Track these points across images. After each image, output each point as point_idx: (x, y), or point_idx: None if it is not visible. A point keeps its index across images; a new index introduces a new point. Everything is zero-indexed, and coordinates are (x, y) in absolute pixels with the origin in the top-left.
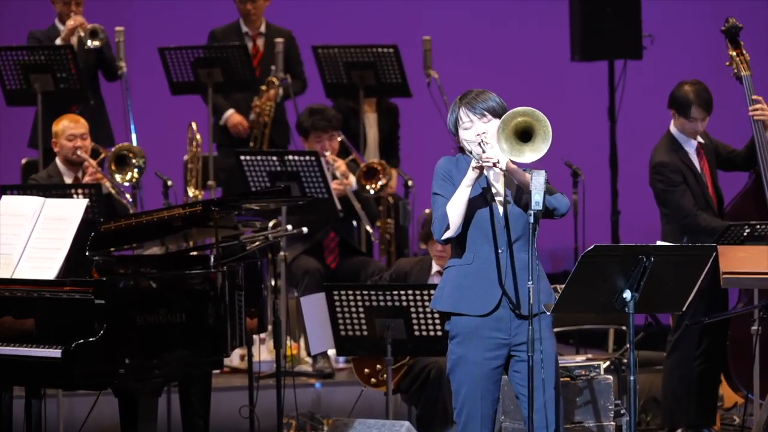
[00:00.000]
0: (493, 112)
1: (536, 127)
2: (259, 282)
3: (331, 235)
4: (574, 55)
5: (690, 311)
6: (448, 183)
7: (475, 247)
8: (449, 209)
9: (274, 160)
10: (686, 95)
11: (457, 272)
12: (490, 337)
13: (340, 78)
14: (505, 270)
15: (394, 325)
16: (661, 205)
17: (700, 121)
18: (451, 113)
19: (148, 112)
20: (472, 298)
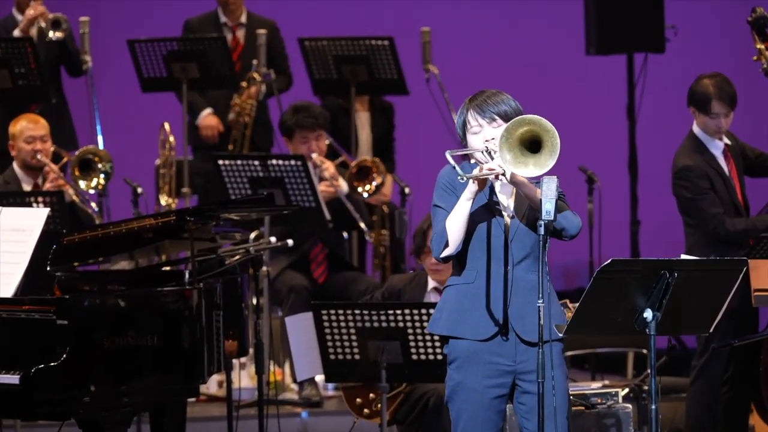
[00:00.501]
0: (505, 116)
1: (543, 138)
2: (239, 300)
3: (318, 246)
4: (589, 49)
5: (718, 333)
6: (451, 194)
7: (477, 265)
8: (448, 224)
9: (255, 164)
10: (705, 89)
11: (456, 292)
12: (491, 362)
13: (330, 73)
14: (510, 290)
15: (389, 348)
16: (685, 215)
17: (723, 116)
18: (460, 115)
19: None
20: (473, 320)
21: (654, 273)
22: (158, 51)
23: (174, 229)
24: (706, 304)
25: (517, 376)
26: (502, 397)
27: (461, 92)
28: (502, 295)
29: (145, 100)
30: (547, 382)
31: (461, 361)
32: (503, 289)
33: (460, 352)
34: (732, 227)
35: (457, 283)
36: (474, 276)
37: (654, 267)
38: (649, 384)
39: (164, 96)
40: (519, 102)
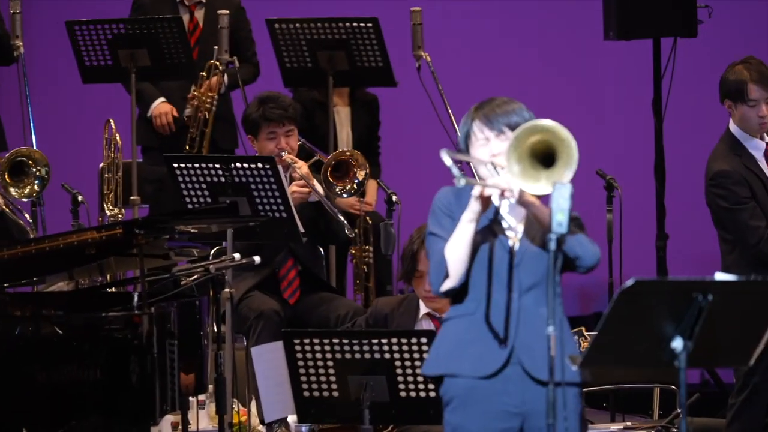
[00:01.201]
0: (514, 126)
1: (558, 149)
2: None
3: (289, 262)
4: (608, 32)
5: (761, 366)
6: (448, 220)
7: (478, 294)
8: (448, 252)
9: (216, 168)
10: (738, 75)
11: (455, 325)
12: (495, 402)
13: (303, 61)
14: (517, 322)
15: (373, 383)
16: (721, 228)
17: (764, 103)
18: (463, 125)
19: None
20: (473, 355)
21: (684, 295)
22: (102, 35)
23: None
24: (746, 333)
25: (525, 419)
26: None
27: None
28: (505, 326)
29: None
30: (558, 425)
31: (459, 402)
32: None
33: (458, 390)
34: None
35: (456, 315)
36: (475, 306)
37: (684, 288)
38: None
39: (109, 88)
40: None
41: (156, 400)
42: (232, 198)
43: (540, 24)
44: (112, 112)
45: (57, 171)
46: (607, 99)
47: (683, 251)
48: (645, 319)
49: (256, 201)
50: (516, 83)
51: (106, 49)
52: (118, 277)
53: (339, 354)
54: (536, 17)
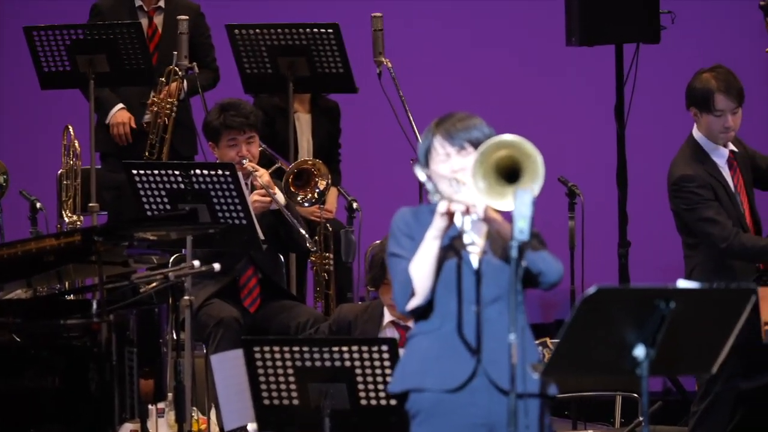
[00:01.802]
0: (477, 145)
1: (523, 164)
2: (157, 335)
3: (249, 270)
4: (570, 38)
5: (723, 374)
6: (408, 240)
7: (442, 309)
8: (414, 270)
9: (176, 174)
10: (706, 83)
11: (419, 342)
12: (461, 414)
13: (263, 67)
14: (482, 336)
15: (333, 391)
16: (685, 234)
17: (730, 113)
18: (424, 140)
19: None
20: (439, 369)
21: (647, 303)
22: (61, 40)
23: (79, 252)
24: (709, 340)
25: (492, 429)
26: None
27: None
28: (472, 339)
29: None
30: None
31: (426, 415)
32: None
33: (424, 404)
34: (750, 242)
35: (420, 331)
36: (440, 322)
37: (647, 296)
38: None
39: (68, 94)
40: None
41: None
42: (191, 205)
43: (502, 30)
44: (71, 118)
45: (15, 178)
46: (570, 105)
47: (645, 258)
48: (607, 327)
49: (216, 208)
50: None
51: (65, 55)
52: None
53: (299, 362)
54: (498, 23)
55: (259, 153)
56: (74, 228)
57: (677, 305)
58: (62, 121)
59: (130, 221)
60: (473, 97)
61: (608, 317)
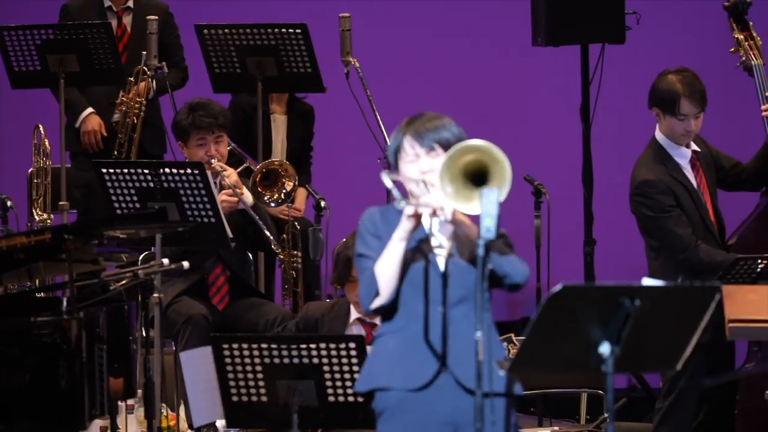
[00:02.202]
0: (446, 145)
1: (491, 169)
2: (126, 332)
3: (218, 268)
4: (537, 38)
5: (687, 371)
6: (375, 240)
7: (408, 309)
8: (379, 270)
9: (145, 173)
10: (671, 86)
11: (386, 342)
12: (427, 411)
13: (232, 67)
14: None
15: (301, 388)
16: (647, 236)
17: (693, 118)
18: (393, 139)
19: None
20: (405, 368)
21: (612, 300)
22: (31, 40)
23: (50, 249)
24: (673, 337)
25: (457, 428)
26: None
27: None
28: (438, 339)
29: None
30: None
31: (392, 412)
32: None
33: (390, 401)
34: (707, 257)
35: (387, 331)
36: (405, 322)
37: (612, 293)
38: (606, 430)
39: (38, 93)
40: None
41: (85, 405)
42: (160, 203)
43: (469, 30)
44: (41, 117)
45: None
46: (536, 104)
47: (610, 257)
48: (572, 324)
49: (184, 206)
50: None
51: (35, 55)
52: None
53: (267, 359)
54: (465, 23)
55: (228, 152)
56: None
57: (642, 303)
58: (32, 120)
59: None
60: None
61: (574, 315)
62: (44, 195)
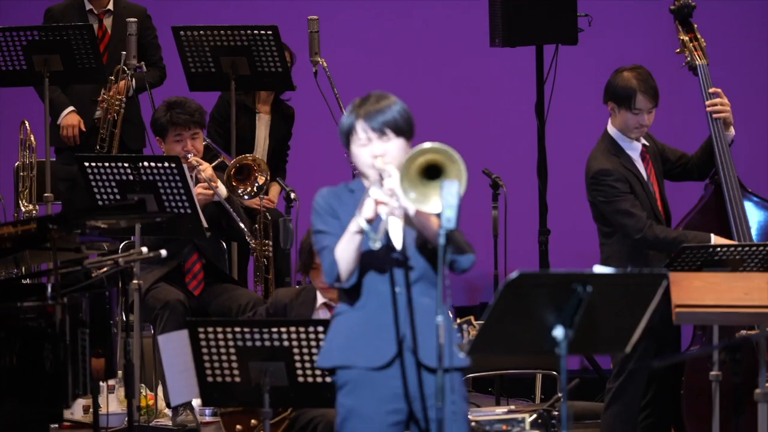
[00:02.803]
0: (396, 128)
1: (448, 169)
2: (107, 316)
3: (194, 256)
4: (494, 39)
5: (636, 353)
6: (333, 218)
7: (367, 289)
8: (339, 257)
9: (125, 167)
10: (627, 82)
11: (345, 320)
12: (387, 385)
13: (207, 66)
14: (404, 315)
15: (272, 369)
16: (601, 223)
17: (646, 113)
18: (346, 120)
19: None
20: (365, 347)
21: (565, 287)
22: (17, 41)
23: (35, 239)
24: (623, 322)
25: (414, 401)
26: (398, 424)
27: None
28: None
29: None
30: (447, 408)
31: (353, 386)
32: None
33: (351, 376)
34: (663, 234)
35: (346, 310)
36: (364, 302)
37: (565, 280)
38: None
39: (24, 91)
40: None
41: (68, 385)
42: (140, 195)
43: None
44: (27, 114)
45: None
46: (494, 102)
47: (564, 245)
48: (528, 309)
49: (162, 198)
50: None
51: (21, 55)
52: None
53: (240, 342)
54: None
55: (204, 147)
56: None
57: (594, 289)
58: (19, 117)
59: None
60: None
61: (529, 300)
62: (30, 187)
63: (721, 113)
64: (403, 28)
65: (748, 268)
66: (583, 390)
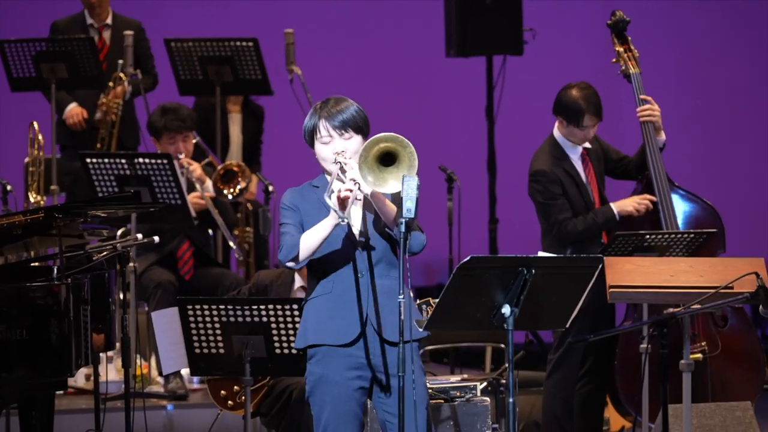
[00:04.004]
0: (354, 125)
1: (401, 155)
2: (106, 295)
3: (185, 244)
4: (449, 50)
5: (574, 328)
6: (295, 213)
7: (333, 275)
8: (306, 240)
9: (122, 162)
10: (576, 102)
11: (315, 304)
12: (351, 355)
13: (195, 74)
14: (366, 295)
15: (253, 342)
16: (540, 216)
17: (592, 128)
18: (309, 120)
19: None
20: (334, 327)
21: (512, 270)
22: (27, 51)
23: (42, 226)
24: (563, 300)
25: (376, 371)
26: (363, 390)
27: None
28: (358, 300)
29: (14, 99)
30: (407, 377)
31: (321, 355)
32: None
33: (321, 349)
34: (573, 228)
35: (316, 295)
36: (331, 286)
37: (512, 264)
38: (507, 378)
39: (33, 95)
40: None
41: (72, 356)
42: (135, 188)
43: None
44: (36, 115)
45: None
46: (449, 106)
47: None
48: (479, 289)
49: (155, 190)
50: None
51: (31, 63)
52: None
53: (225, 318)
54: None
55: (195, 145)
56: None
57: (537, 272)
58: (28, 118)
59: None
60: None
61: (480, 281)
62: (38, 181)
63: (650, 117)
64: (368, 40)
65: (673, 253)
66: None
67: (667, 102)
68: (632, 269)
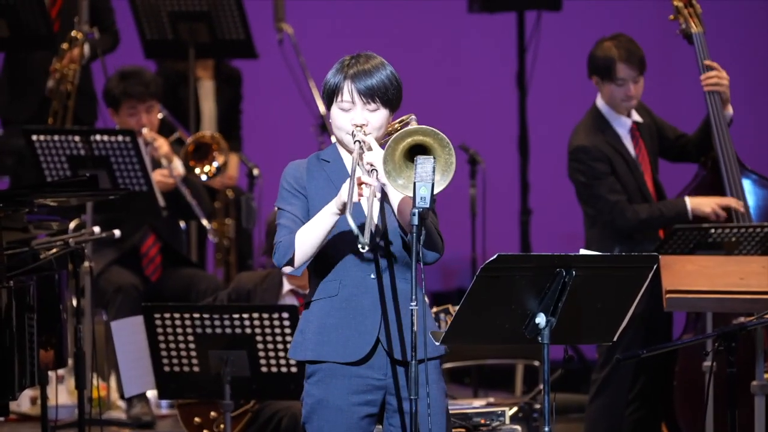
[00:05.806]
0: (383, 95)
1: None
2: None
3: (150, 238)
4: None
5: (623, 342)
6: (297, 196)
7: (339, 275)
8: (302, 237)
9: (76, 140)
10: (607, 52)
11: (319, 308)
12: (358, 375)
13: (164, 33)
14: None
15: (234, 358)
16: (583, 203)
17: (632, 82)
18: (333, 76)
19: None
20: (339, 340)
21: (548, 271)
22: None
23: None
24: (610, 309)
25: (387, 392)
26: (371, 417)
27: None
28: (370, 307)
29: None
30: (421, 401)
31: (323, 374)
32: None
33: (322, 367)
34: (634, 216)
35: (319, 297)
36: (337, 288)
37: (548, 264)
38: (542, 402)
39: None
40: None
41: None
42: (91, 171)
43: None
44: None
45: None
46: (472, 72)
47: (547, 226)
48: (508, 295)
49: (115, 174)
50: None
51: None
52: None
53: (200, 329)
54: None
55: (160, 121)
56: None
57: (578, 273)
58: None
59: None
60: None
61: (509, 285)
62: None
63: (716, 87)
64: None
65: (744, 251)
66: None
67: (735, 70)
68: (694, 270)
